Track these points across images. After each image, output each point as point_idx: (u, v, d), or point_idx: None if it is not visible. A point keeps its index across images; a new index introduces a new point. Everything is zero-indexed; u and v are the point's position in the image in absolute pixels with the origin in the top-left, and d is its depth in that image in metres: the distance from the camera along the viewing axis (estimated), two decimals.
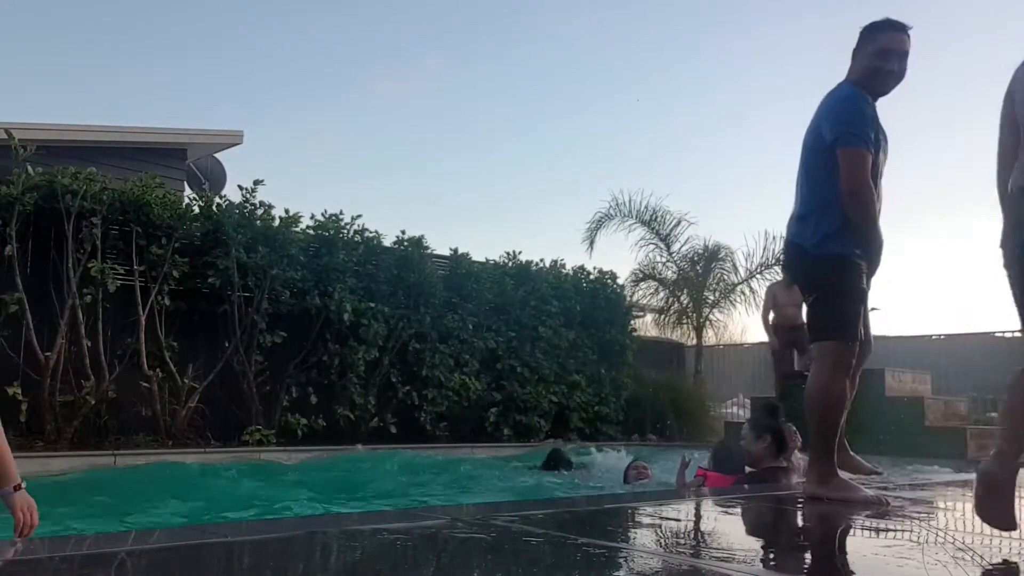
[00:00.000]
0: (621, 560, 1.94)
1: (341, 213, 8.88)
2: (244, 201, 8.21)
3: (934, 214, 27.72)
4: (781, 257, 9.28)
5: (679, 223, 14.29)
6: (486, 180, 30.93)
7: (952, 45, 23.12)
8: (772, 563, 1.89)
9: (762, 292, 14.22)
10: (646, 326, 15.18)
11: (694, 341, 14.56)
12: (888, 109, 3.57)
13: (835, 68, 3.64)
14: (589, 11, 26.84)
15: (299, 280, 8.30)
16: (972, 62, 23.84)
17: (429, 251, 9.61)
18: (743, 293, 14.41)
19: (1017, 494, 2.30)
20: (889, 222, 3.51)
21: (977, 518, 2.37)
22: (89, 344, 7.13)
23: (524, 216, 29.98)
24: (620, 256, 29.27)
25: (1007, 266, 2.57)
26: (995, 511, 2.33)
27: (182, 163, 12.21)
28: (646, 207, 14.30)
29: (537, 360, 10.45)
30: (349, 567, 1.80)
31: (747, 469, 4.37)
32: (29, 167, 7.07)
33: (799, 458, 6.16)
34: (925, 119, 24.92)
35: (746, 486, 3.93)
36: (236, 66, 27.59)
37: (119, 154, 10.64)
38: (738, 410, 12.82)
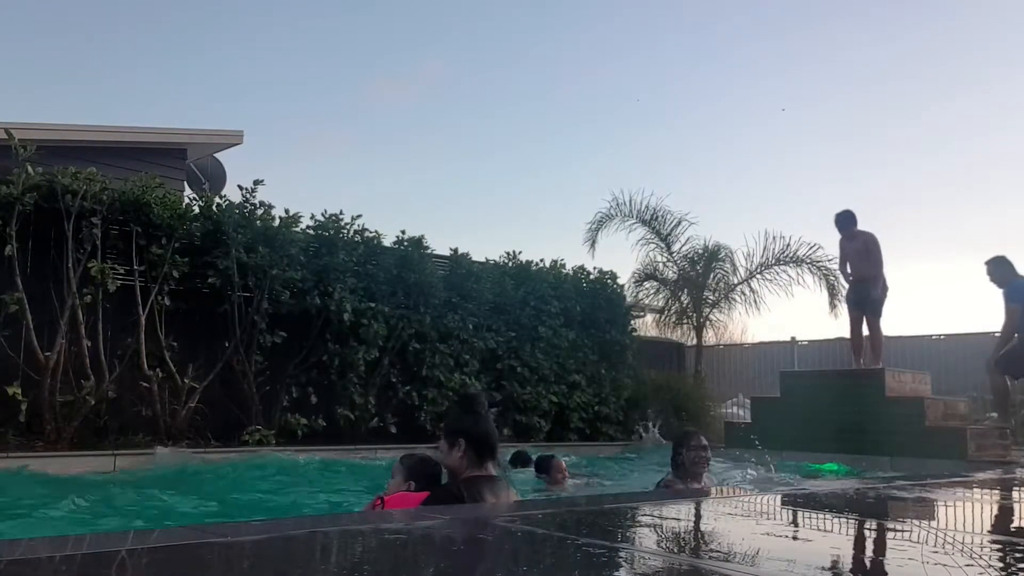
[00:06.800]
0: (621, 560, 1.94)
1: (341, 213, 8.90)
2: (244, 201, 8.22)
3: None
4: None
5: (679, 223, 14.32)
6: (486, 180, 30.97)
7: None
8: (774, 563, 1.89)
9: (762, 292, 14.31)
10: (646, 326, 15.21)
11: (694, 341, 14.57)
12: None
13: (833, 71, 3.63)
14: (589, 13, 26.85)
15: (299, 280, 8.30)
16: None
17: (429, 251, 9.62)
18: (743, 293, 14.44)
19: (1017, 494, 2.30)
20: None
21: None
22: (89, 344, 7.13)
23: (524, 216, 30.01)
24: (621, 256, 29.26)
25: None
26: None
27: (182, 163, 12.22)
28: (647, 207, 14.34)
29: (537, 360, 10.45)
30: (349, 567, 1.80)
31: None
32: (29, 167, 7.07)
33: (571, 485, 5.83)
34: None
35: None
36: (236, 66, 27.61)
37: (119, 154, 10.64)
38: (738, 410, 12.81)
